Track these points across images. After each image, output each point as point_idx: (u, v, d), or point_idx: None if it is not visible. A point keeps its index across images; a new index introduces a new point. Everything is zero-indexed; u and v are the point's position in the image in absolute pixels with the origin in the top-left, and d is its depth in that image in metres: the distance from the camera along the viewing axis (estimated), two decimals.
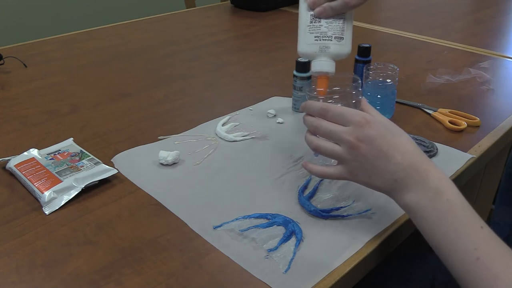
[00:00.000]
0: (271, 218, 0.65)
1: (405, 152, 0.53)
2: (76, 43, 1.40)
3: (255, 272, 0.56)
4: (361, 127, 0.54)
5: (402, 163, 0.53)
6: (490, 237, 0.49)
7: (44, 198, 0.67)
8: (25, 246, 0.61)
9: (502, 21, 1.69)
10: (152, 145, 0.84)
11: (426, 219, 0.52)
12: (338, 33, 0.66)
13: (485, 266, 0.47)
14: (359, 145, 0.54)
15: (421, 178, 0.52)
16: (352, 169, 0.56)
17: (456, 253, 0.49)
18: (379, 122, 0.55)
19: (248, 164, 0.78)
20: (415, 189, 0.52)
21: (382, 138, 0.53)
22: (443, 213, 0.50)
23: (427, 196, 0.52)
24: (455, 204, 0.51)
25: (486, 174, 1.05)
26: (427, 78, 1.12)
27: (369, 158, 0.54)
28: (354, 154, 0.54)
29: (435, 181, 0.52)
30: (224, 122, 0.91)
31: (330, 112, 0.56)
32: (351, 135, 0.54)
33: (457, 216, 0.50)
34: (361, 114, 0.55)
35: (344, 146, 0.55)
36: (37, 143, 0.84)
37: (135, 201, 0.69)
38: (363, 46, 0.99)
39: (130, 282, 0.55)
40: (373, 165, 0.54)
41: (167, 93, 1.06)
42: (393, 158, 0.53)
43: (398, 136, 0.55)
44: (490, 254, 0.48)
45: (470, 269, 0.48)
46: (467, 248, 0.48)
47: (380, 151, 0.53)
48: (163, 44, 1.40)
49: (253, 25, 1.60)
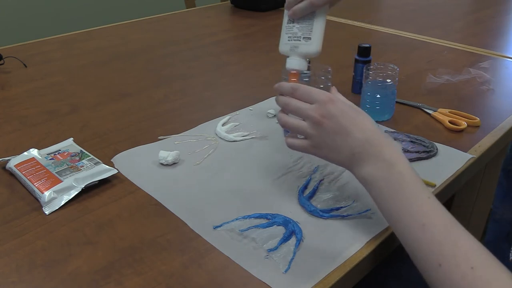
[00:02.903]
0: (271, 218, 0.65)
1: (363, 129, 0.57)
2: (76, 43, 1.40)
3: (255, 272, 0.56)
4: (325, 104, 0.59)
5: (360, 139, 0.57)
6: (436, 206, 0.53)
7: (44, 198, 0.67)
8: (25, 246, 0.61)
9: (502, 21, 1.69)
10: (152, 145, 0.84)
11: (379, 190, 0.56)
12: (306, 33, 0.70)
13: (429, 232, 0.51)
14: (322, 121, 0.58)
15: (376, 152, 0.56)
16: (315, 143, 0.60)
17: (404, 220, 0.53)
18: (342, 101, 0.60)
19: (248, 164, 0.78)
20: (371, 162, 0.56)
21: (343, 115, 0.58)
22: (394, 183, 0.55)
23: (381, 168, 0.56)
24: (406, 176, 0.55)
25: (486, 174, 1.05)
26: (427, 78, 1.12)
27: (331, 133, 0.58)
28: (318, 129, 0.59)
29: (388, 155, 0.56)
30: (224, 122, 0.91)
31: (299, 91, 0.61)
32: (316, 111, 0.59)
33: (407, 187, 0.54)
34: (326, 94, 0.60)
35: (308, 121, 0.60)
36: (37, 143, 0.84)
37: (135, 201, 0.69)
38: (363, 46, 0.99)
39: (130, 282, 0.55)
40: (334, 140, 0.58)
41: (167, 93, 1.06)
42: (352, 134, 0.57)
43: (358, 115, 0.59)
44: (434, 221, 0.52)
45: (416, 235, 0.52)
46: (414, 215, 0.52)
47: (341, 126, 0.58)
48: (163, 44, 1.40)
49: (253, 25, 1.60)
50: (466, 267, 0.47)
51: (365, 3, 1.99)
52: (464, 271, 0.47)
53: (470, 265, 0.47)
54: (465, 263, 0.48)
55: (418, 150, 0.80)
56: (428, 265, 0.50)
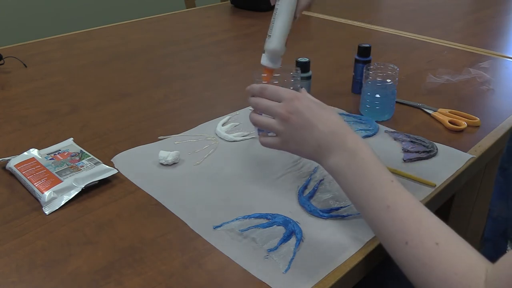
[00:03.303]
0: (271, 218, 0.65)
1: (327, 121, 0.61)
2: (76, 43, 1.40)
3: (255, 272, 0.56)
4: (292, 101, 0.62)
5: (325, 131, 0.60)
6: (399, 189, 0.55)
7: (44, 198, 0.67)
8: (25, 246, 0.61)
9: (502, 21, 1.69)
10: (152, 145, 0.84)
11: (344, 177, 0.59)
12: (270, 31, 0.74)
13: (394, 212, 0.53)
14: (289, 117, 0.62)
15: (340, 141, 0.59)
16: (284, 139, 0.64)
17: (370, 204, 0.56)
18: (307, 98, 0.64)
19: (248, 164, 0.78)
20: (335, 152, 0.59)
21: (308, 111, 0.61)
22: (358, 170, 0.57)
23: (345, 156, 0.59)
24: (368, 161, 0.58)
25: (486, 174, 1.05)
26: (427, 78, 1.12)
27: (298, 128, 0.62)
28: (285, 125, 0.62)
29: (351, 143, 0.59)
30: (224, 122, 0.91)
31: (267, 91, 0.65)
32: (283, 108, 0.62)
33: (370, 172, 0.57)
34: (292, 92, 0.63)
35: (277, 118, 0.63)
36: (37, 143, 0.84)
37: (135, 201, 0.69)
38: (363, 46, 0.99)
39: (130, 282, 0.55)
40: (301, 134, 0.62)
41: (167, 93, 1.06)
42: (316, 127, 0.61)
43: (323, 109, 0.62)
44: (398, 202, 0.54)
45: (382, 216, 0.54)
46: (379, 198, 0.55)
47: (307, 121, 0.61)
48: (163, 44, 1.40)
49: (253, 25, 1.60)
50: (431, 243, 0.50)
51: (365, 3, 2.00)
52: (430, 246, 0.50)
53: (434, 241, 0.50)
54: (430, 240, 0.50)
55: (418, 150, 0.80)
56: (395, 244, 0.53)
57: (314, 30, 1.62)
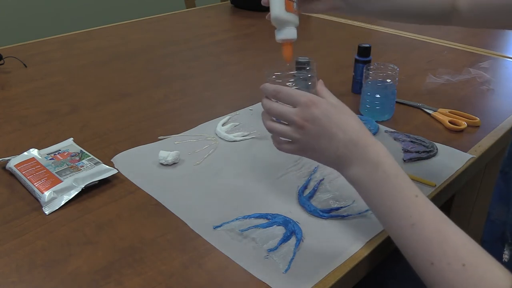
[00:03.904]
0: (271, 218, 0.65)
1: (347, 130, 0.56)
2: (76, 43, 1.40)
3: (255, 272, 0.56)
4: (307, 107, 0.57)
5: (344, 140, 0.56)
6: (424, 205, 0.53)
7: (44, 198, 0.67)
8: (25, 246, 0.61)
9: None
10: (152, 145, 0.84)
11: (366, 190, 0.56)
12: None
13: (419, 231, 0.51)
14: (305, 125, 0.57)
15: (361, 152, 0.56)
16: (301, 146, 0.60)
17: (393, 220, 0.53)
18: (325, 103, 0.58)
19: (248, 164, 0.78)
20: (356, 163, 0.56)
21: (326, 118, 0.57)
22: (380, 183, 0.54)
23: (366, 169, 0.55)
24: (391, 175, 0.54)
25: (486, 174, 1.05)
26: (427, 78, 1.12)
27: (315, 136, 0.58)
28: (301, 133, 0.58)
29: (373, 154, 0.55)
30: (224, 122, 0.91)
31: (281, 94, 0.60)
32: (298, 115, 0.58)
33: (392, 186, 0.54)
34: (308, 96, 0.58)
35: (292, 126, 0.59)
36: (37, 143, 0.84)
37: (135, 201, 0.69)
38: (363, 46, 0.99)
39: (130, 282, 0.55)
40: (318, 142, 0.58)
41: (167, 93, 1.06)
42: (335, 136, 0.56)
43: (342, 115, 0.58)
44: (423, 220, 0.51)
45: (406, 234, 0.52)
46: (403, 215, 0.52)
47: (324, 129, 0.57)
48: (163, 44, 1.40)
49: (253, 25, 1.60)
50: (457, 265, 0.48)
51: None
52: (456, 269, 0.48)
53: (461, 262, 0.48)
54: (456, 261, 0.48)
55: (418, 150, 0.80)
56: (420, 263, 0.51)
57: (314, 30, 1.62)
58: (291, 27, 0.67)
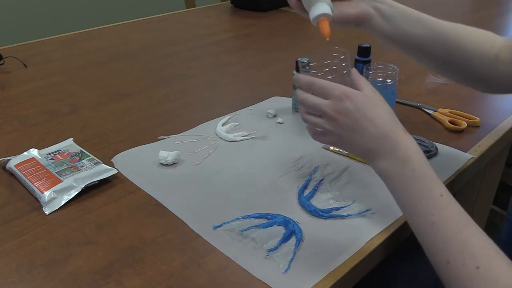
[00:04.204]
0: (271, 218, 0.65)
1: (378, 124, 0.57)
2: (76, 43, 1.40)
3: (255, 272, 0.56)
4: (340, 100, 0.58)
5: (374, 134, 0.57)
6: (448, 204, 0.53)
7: (44, 198, 0.67)
8: (25, 246, 0.61)
9: (502, 21, 1.69)
10: (152, 145, 0.84)
11: (394, 185, 0.57)
12: None
13: (439, 229, 0.52)
14: (337, 117, 0.58)
15: (391, 147, 0.56)
16: (334, 138, 0.61)
17: (416, 217, 0.54)
18: (358, 95, 0.58)
19: (248, 164, 0.78)
20: (385, 157, 0.57)
21: (358, 111, 0.57)
22: (407, 180, 0.55)
23: (395, 164, 0.56)
24: (419, 173, 0.55)
25: (486, 174, 1.05)
26: (427, 78, 1.12)
27: (346, 129, 0.58)
28: (333, 125, 0.59)
29: (403, 151, 0.56)
30: (224, 122, 0.91)
31: (314, 86, 0.60)
32: (331, 108, 0.58)
33: (419, 184, 0.54)
34: (341, 88, 0.58)
35: (325, 118, 0.60)
36: (37, 143, 0.84)
37: (135, 201, 0.69)
38: (363, 46, 0.99)
39: (130, 282, 0.55)
40: (350, 135, 0.58)
41: (167, 93, 1.06)
42: (367, 130, 0.57)
43: (374, 108, 0.58)
44: (445, 219, 0.52)
45: (427, 232, 0.53)
46: (425, 213, 0.53)
47: (356, 123, 0.57)
48: (163, 44, 1.40)
49: (253, 25, 1.60)
50: (472, 266, 0.48)
51: None
52: (471, 270, 0.48)
53: (476, 264, 0.48)
54: (472, 263, 0.48)
55: None
56: (437, 261, 0.51)
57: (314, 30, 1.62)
58: (323, 3, 0.64)
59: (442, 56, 0.73)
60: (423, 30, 0.71)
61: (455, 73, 0.76)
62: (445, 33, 0.71)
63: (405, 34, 0.71)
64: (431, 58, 0.74)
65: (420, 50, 0.73)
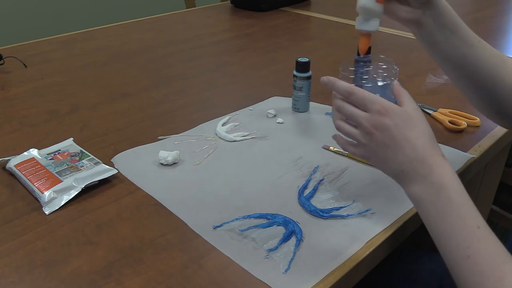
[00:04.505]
0: (271, 218, 0.65)
1: (415, 145, 0.54)
2: (76, 43, 1.40)
3: (255, 272, 0.56)
4: (380, 115, 0.55)
5: (410, 156, 0.54)
6: (485, 238, 0.50)
7: (44, 198, 0.67)
8: (25, 246, 0.61)
9: (502, 21, 1.69)
10: (152, 145, 0.84)
11: (426, 212, 0.54)
12: None
13: (474, 263, 0.49)
14: (373, 132, 0.55)
15: (426, 172, 0.54)
16: (366, 152, 0.58)
17: (449, 248, 0.51)
18: (399, 112, 0.56)
19: (248, 164, 0.78)
20: (419, 182, 0.54)
21: (396, 129, 0.55)
22: (441, 209, 0.52)
23: (429, 191, 0.53)
24: (454, 202, 0.52)
25: (486, 174, 1.05)
26: (427, 78, 1.12)
27: (381, 145, 0.56)
28: (368, 139, 0.56)
29: (438, 177, 0.53)
30: (224, 122, 0.91)
31: (353, 96, 0.58)
32: (368, 121, 0.56)
33: (454, 214, 0.52)
34: (381, 103, 0.56)
35: (360, 130, 0.57)
36: (37, 143, 0.84)
37: (135, 201, 0.69)
38: None
39: (130, 282, 0.55)
40: (384, 152, 0.56)
41: (167, 93, 1.06)
42: (402, 150, 0.54)
43: (413, 128, 0.55)
44: (480, 253, 0.49)
45: (461, 265, 0.50)
46: (460, 245, 0.50)
47: (392, 140, 0.55)
48: (163, 44, 1.40)
49: (253, 25, 1.60)
50: None
51: None
52: None
53: None
54: None
55: None
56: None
57: (314, 30, 1.62)
58: (376, 19, 0.62)
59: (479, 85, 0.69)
60: (467, 52, 0.67)
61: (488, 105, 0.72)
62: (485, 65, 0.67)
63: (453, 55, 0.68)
64: (468, 83, 0.70)
65: (460, 70, 0.69)
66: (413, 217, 0.67)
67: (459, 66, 0.66)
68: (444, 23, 0.64)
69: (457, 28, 0.65)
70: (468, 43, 0.66)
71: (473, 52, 0.66)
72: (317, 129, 0.90)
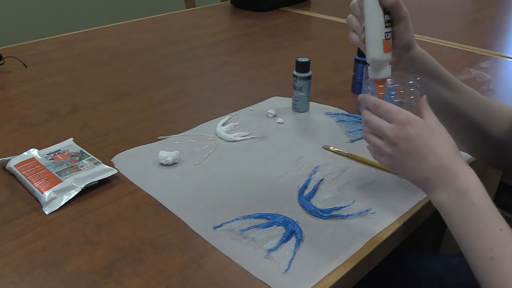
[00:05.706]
0: (271, 218, 0.65)
1: (439, 154, 0.56)
2: (76, 43, 1.40)
3: (255, 272, 0.56)
4: (403, 125, 0.57)
5: (434, 164, 0.56)
6: (508, 239, 0.52)
7: (44, 198, 0.67)
8: (25, 246, 0.61)
9: (502, 21, 1.69)
10: (152, 145, 0.84)
11: (451, 218, 0.55)
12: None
13: (497, 265, 0.50)
14: (397, 142, 0.57)
15: (449, 179, 0.55)
16: (391, 162, 0.60)
17: (473, 251, 0.53)
18: (422, 123, 0.58)
19: (248, 164, 0.78)
20: (443, 189, 0.55)
21: (419, 138, 0.57)
22: (465, 214, 0.54)
23: (453, 197, 0.55)
24: (477, 206, 0.54)
25: (486, 174, 1.05)
26: None
27: (405, 154, 0.57)
28: (393, 149, 0.58)
29: (462, 183, 0.55)
30: (224, 122, 0.91)
31: (380, 109, 0.60)
32: (392, 131, 0.58)
33: (478, 218, 0.53)
34: (405, 114, 0.58)
35: (385, 140, 0.59)
36: (37, 143, 0.84)
37: (135, 201, 0.69)
38: None
39: (130, 282, 0.55)
40: (408, 162, 0.57)
41: (167, 93, 1.06)
42: (426, 159, 0.56)
43: (436, 138, 0.57)
44: (503, 255, 0.50)
45: (485, 267, 0.51)
46: (483, 247, 0.52)
47: (416, 150, 0.57)
48: (163, 44, 1.40)
49: (253, 25, 1.60)
50: None
51: None
52: None
53: None
54: None
55: None
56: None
57: (314, 30, 1.62)
58: (387, 66, 0.64)
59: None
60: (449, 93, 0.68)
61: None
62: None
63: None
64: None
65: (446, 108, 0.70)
66: (413, 217, 0.67)
67: (443, 109, 0.68)
68: (422, 70, 0.67)
69: (437, 73, 0.68)
70: (449, 87, 0.68)
71: (455, 95, 0.68)
72: (317, 129, 0.90)
